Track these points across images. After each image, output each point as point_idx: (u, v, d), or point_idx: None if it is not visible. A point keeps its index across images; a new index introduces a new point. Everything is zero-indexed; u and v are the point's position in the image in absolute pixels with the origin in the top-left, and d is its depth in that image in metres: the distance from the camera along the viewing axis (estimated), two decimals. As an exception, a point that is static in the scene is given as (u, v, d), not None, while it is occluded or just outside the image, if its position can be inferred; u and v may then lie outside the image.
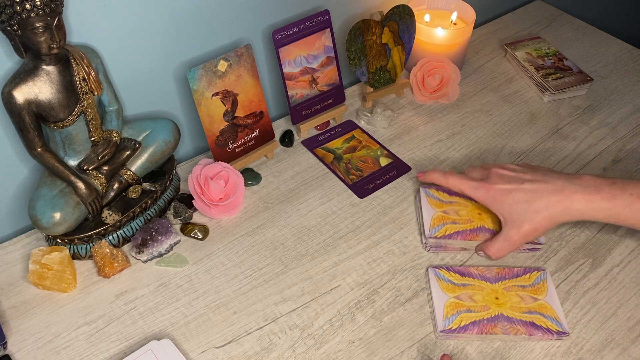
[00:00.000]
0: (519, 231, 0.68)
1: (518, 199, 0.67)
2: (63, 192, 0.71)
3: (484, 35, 1.16)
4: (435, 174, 0.76)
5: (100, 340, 0.67)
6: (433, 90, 0.98)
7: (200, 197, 0.79)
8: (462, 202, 0.78)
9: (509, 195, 0.68)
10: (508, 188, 0.68)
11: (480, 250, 0.74)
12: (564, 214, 0.66)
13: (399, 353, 0.67)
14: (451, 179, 0.74)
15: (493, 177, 0.71)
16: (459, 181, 0.73)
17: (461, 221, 0.76)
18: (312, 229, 0.80)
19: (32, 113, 0.66)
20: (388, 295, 0.72)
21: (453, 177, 0.74)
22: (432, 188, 0.80)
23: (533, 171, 0.70)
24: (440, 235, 0.75)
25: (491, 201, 0.70)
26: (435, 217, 0.77)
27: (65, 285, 0.71)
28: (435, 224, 0.76)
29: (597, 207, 0.64)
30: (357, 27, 0.88)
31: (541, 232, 0.68)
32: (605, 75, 1.06)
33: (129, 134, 0.77)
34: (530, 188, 0.67)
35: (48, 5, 0.60)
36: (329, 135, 0.93)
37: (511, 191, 0.68)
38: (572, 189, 0.65)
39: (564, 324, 0.68)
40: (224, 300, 0.71)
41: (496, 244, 0.71)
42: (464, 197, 0.78)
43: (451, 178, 0.74)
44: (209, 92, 0.79)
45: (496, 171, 0.71)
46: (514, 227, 0.68)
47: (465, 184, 0.72)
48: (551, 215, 0.66)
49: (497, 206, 0.69)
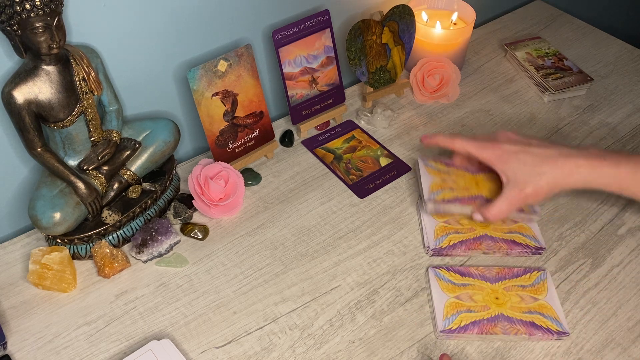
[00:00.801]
0: (521, 192, 0.68)
1: (524, 161, 0.68)
2: (63, 192, 0.71)
3: (484, 35, 1.16)
4: (440, 137, 0.76)
5: (100, 340, 0.67)
6: (433, 90, 0.98)
7: (200, 197, 0.79)
8: (460, 172, 0.78)
9: (516, 155, 0.68)
10: (515, 149, 0.69)
11: (477, 214, 0.73)
12: (567, 179, 0.66)
13: (399, 353, 0.67)
14: (457, 140, 0.73)
15: (501, 138, 0.71)
16: (465, 142, 0.73)
17: (459, 188, 0.76)
18: (312, 229, 0.80)
19: (32, 113, 0.66)
20: (388, 295, 0.72)
21: (459, 139, 0.73)
22: (430, 159, 0.80)
23: (540, 139, 0.71)
24: (440, 199, 0.75)
25: (497, 160, 0.70)
26: (434, 183, 0.76)
27: (65, 285, 0.71)
28: (434, 189, 0.76)
29: (600, 173, 0.65)
30: (357, 27, 0.88)
31: (542, 197, 0.68)
32: (605, 75, 1.06)
33: (129, 134, 0.77)
34: (537, 151, 0.68)
35: (48, 5, 0.60)
36: (329, 135, 0.93)
37: (518, 152, 0.68)
38: (577, 155, 0.66)
39: (564, 324, 0.68)
40: (224, 300, 0.71)
41: (496, 205, 0.70)
42: (462, 168, 0.78)
43: (457, 140, 0.74)
44: (209, 92, 0.79)
45: (504, 134, 0.72)
46: (516, 188, 0.68)
47: (471, 145, 0.72)
48: (554, 179, 0.67)
49: (502, 166, 0.69)
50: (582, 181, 0.66)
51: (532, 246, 0.76)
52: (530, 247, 0.76)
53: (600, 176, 0.65)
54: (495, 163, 0.70)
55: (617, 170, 0.65)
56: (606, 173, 0.65)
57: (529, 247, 0.76)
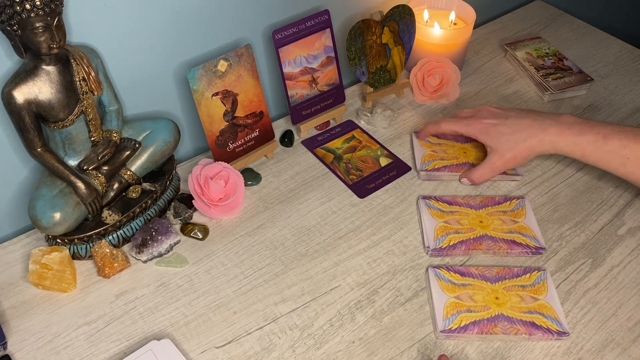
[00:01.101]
0: (501, 158, 0.79)
1: (503, 131, 0.78)
2: (63, 192, 0.71)
3: (484, 35, 1.16)
4: (429, 127, 0.87)
5: (100, 340, 0.67)
6: (433, 90, 0.98)
7: (200, 197, 0.79)
8: (450, 143, 0.90)
9: (495, 127, 0.79)
10: (495, 122, 0.79)
11: (463, 177, 0.84)
12: (540, 144, 0.75)
13: (399, 353, 0.67)
14: (443, 124, 0.84)
15: (483, 113, 0.82)
16: (452, 124, 0.83)
17: (448, 157, 0.87)
18: (312, 229, 0.80)
19: (32, 113, 0.66)
20: (388, 295, 0.72)
21: (445, 122, 0.84)
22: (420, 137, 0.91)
23: (518, 110, 0.81)
24: (430, 168, 0.86)
25: (480, 133, 0.80)
26: (425, 155, 0.88)
27: (65, 285, 0.71)
28: (426, 160, 0.87)
29: (566, 141, 0.74)
30: (357, 27, 0.88)
31: (520, 161, 0.78)
32: (605, 75, 1.06)
33: (129, 134, 0.77)
34: (514, 122, 0.78)
35: (48, 5, 0.60)
36: (329, 135, 0.93)
37: (497, 125, 0.79)
38: (548, 123, 0.75)
39: (564, 324, 0.68)
40: (224, 300, 0.71)
41: (479, 170, 0.81)
42: (450, 139, 0.90)
43: (443, 123, 0.84)
44: (209, 92, 0.80)
45: (486, 109, 0.83)
46: (497, 154, 0.79)
47: (457, 125, 0.83)
48: (530, 145, 0.76)
49: (484, 137, 0.80)
50: (551, 147, 0.75)
51: (532, 246, 0.76)
52: (531, 247, 0.76)
53: (565, 144, 0.74)
54: (479, 136, 0.81)
55: (579, 139, 0.73)
56: (569, 141, 0.74)
57: (529, 247, 0.76)
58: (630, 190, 0.85)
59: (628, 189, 0.85)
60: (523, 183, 0.86)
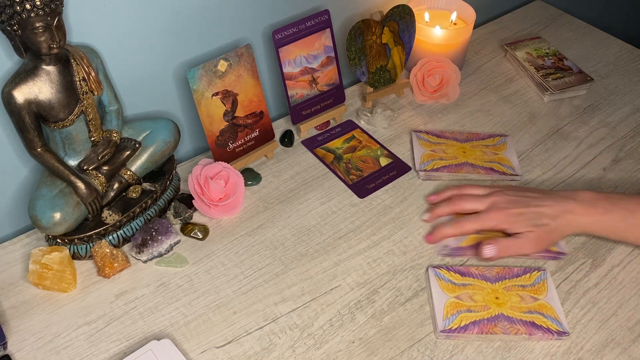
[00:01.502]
0: (529, 243, 0.73)
1: (528, 217, 0.73)
2: (63, 192, 0.71)
3: (484, 35, 1.16)
4: (446, 229, 0.76)
5: (100, 340, 0.67)
6: (433, 90, 0.98)
7: (200, 197, 0.79)
8: (449, 142, 0.90)
9: (521, 215, 0.73)
10: (519, 210, 0.73)
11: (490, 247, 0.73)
12: (567, 227, 0.72)
13: (399, 353, 0.67)
14: (465, 225, 0.75)
15: (502, 203, 0.75)
16: (474, 222, 0.74)
17: (448, 157, 0.88)
18: (312, 229, 0.80)
19: (32, 113, 0.66)
20: (388, 295, 0.72)
21: (465, 223, 0.75)
22: (422, 132, 0.92)
23: (533, 191, 0.76)
24: (430, 168, 0.86)
25: (504, 224, 0.73)
26: (425, 155, 0.88)
27: (65, 285, 0.71)
28: (425, 159, 0.87)
29: (594, 221, 0.71)
30: (357, 27, 0.88)
31: (548, 244, 0.74)
32: (605, 75, 1.06)
33: (129, 134, 0.77)
34: (537, 205, 0.73)
35: (48, 5, 0.60)
36: (329, 135, 0.93)
37: (522, 213, 0.73)
38: (573, 205, 0.72)
39: (564, 323, 0.68)
40: (224, 300, 0.71)
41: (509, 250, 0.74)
42: (450, 138, 0.91)
43: (465, 225, 0.75)
44: (209, 92, 0.80)
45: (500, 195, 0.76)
46: (524, 238, 0.72)
47: (479, 222, 0.74)
48: (556, 228, 0.72)
49: (510, 227, 0.73)
50: (579, 229, 0.72)
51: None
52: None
53: (594, 224, 0.72)
54: (505, 227, 0.74)
55: (607, 217, 0.71)
56: (598, 220, 0.71)
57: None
58: (631, 190, 0.85)
59: (628, 189, 0.85)
60: (523, 183, 0.86)
